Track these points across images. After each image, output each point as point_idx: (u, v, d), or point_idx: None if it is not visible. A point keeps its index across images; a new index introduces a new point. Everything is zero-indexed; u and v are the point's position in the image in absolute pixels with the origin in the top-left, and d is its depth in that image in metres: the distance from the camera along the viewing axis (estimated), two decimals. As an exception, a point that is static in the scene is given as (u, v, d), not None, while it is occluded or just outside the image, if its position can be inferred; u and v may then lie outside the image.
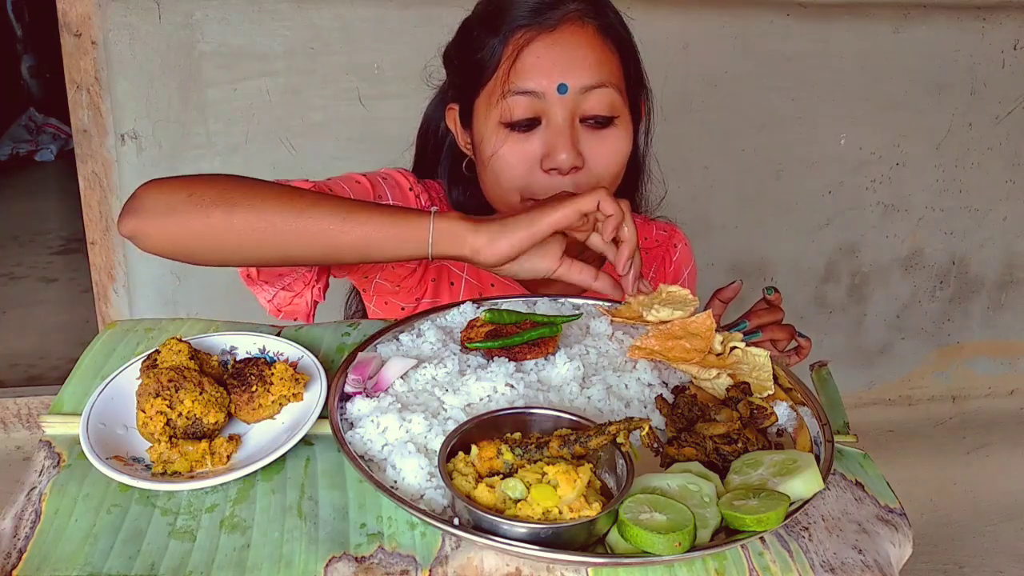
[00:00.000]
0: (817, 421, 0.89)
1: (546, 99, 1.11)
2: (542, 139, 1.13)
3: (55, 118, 5.13)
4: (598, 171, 1.15)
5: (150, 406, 0.84)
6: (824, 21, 2.51)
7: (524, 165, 1.13)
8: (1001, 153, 2.79)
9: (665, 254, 1.37)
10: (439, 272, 1.28)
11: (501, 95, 1.12)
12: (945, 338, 3.03)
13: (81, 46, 2.19)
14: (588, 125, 1.13)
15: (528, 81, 1.11)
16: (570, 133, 1.12)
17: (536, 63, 1.11)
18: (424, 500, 0.78)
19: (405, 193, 1.25)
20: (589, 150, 1.13)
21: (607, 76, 1.13)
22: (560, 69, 1.10)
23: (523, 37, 1.11)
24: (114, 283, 2.40)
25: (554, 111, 1.11)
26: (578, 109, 1.12)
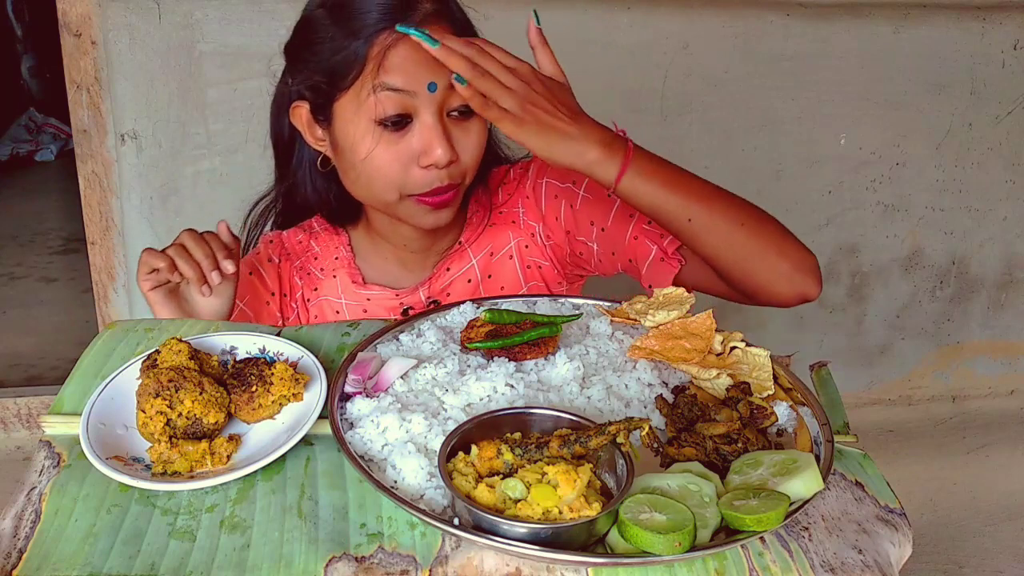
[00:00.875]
0: (817, 421, 0.89)
1: (417, 97, 1.14)
2: (416, 136, 1.16)
3: (55, 118, 5.12)
4: (467, 160, 1.19)
5: (150, 406, 0.84)
6: (824, 21, 2.51)
7: (400, 164, 1.16)
8: (1001, 153, 2.79)
9: (519, 184, 1.37)
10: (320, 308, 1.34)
11: (371, 92, 1.14)
12: (945, 338, 3.03)
13: (81, 46, 2.19)
14: (454, 117, 1.17)
15: (398, 80, 1.13)
16: (442, 128, 1.15)
17: (404, 63, 1.13)
18: (424, 500, 0.78)
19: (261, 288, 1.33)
20: (458, 141, 1.17)
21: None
22: (427, 68, 1.12)
23: (387, 39, 1.13)
24: (114, 283, 2.40)
25: (425, 108, 1.15)
26: (446, 104, 1.16)
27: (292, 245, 1.38)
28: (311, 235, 1.38)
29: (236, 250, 1.21)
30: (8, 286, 3.79)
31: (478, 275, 1.34)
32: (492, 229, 1.35)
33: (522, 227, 1.35)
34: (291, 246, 1.38)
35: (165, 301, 1.18)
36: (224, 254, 1.16)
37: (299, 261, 1.37)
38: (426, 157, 1.16)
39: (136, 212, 2.30)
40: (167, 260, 1.15)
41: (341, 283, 1.35)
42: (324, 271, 1.36)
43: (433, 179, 1.17)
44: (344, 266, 1.35)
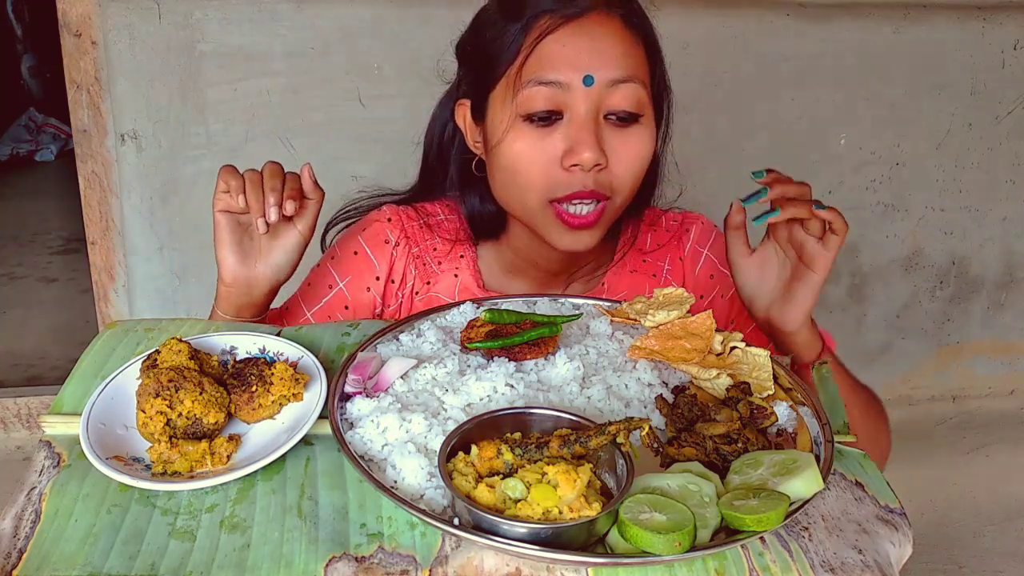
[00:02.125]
0: (817, 421, 0.89)
1: (570, 91, 1.05)
2: (564, 134, 1.07)
3: (55, 118, 5.12)
4: (620, 171, 1.09)
5: (150, 406, 0.84)
6: (824, 21, 2.51)
7: (543, 161, 1.08)
8: (1001, 153, 2.79)
9: (677, 243, 1.31)
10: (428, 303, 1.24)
11: (521, 85, 1.06)
12: (945, 338, 3.03)
13: (81, 46, 2.19)
14: (612, 122, 1.08)
15: (551, 71, 1.05)
16: (594, 129, 1.06)
17: (561, 52, 1.05)
18: (424, 500, 0.78)
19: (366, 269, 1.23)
20: (612, 148, 1.08)
21: (634, 71, 1.07)
22: (586, 60, 1.04)
23: (547, 24, 1.05)
24: (114, 283, 2.40)
25: (577, 104, 1.05)
26: (603, 104, 1.06)
27: (413, 230, 1.26)
28: (435, 222, 1.27)
29: (316, 200, 1.12)
30: (8, 286, 3.79)
31: None
32: (633, 276, 1.27)
33: (661, 283, 1.27)
34: (412, 231, 1.26)
35: (228, 228, 1.10)
36: (292, 195, 1.07)
37: (417, 249, 1.25)
38: (571, 156, 1.06)
39: (136, 212, 2.30)
40: (239, 181, 1.08)
41: (462, 283, 1.25)
42: (443, 265, 1.25)
43: (576, 182, 1.07)
44: (468, 266, 1.26)
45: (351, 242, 1.27)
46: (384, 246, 1.26)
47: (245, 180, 1.09)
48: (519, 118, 1.07)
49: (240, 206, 1.08)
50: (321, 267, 1.29)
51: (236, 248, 1.11)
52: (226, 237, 1.11)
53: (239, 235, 1.11)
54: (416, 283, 1.26)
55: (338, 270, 1.26)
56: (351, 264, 1.26)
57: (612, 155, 1.08)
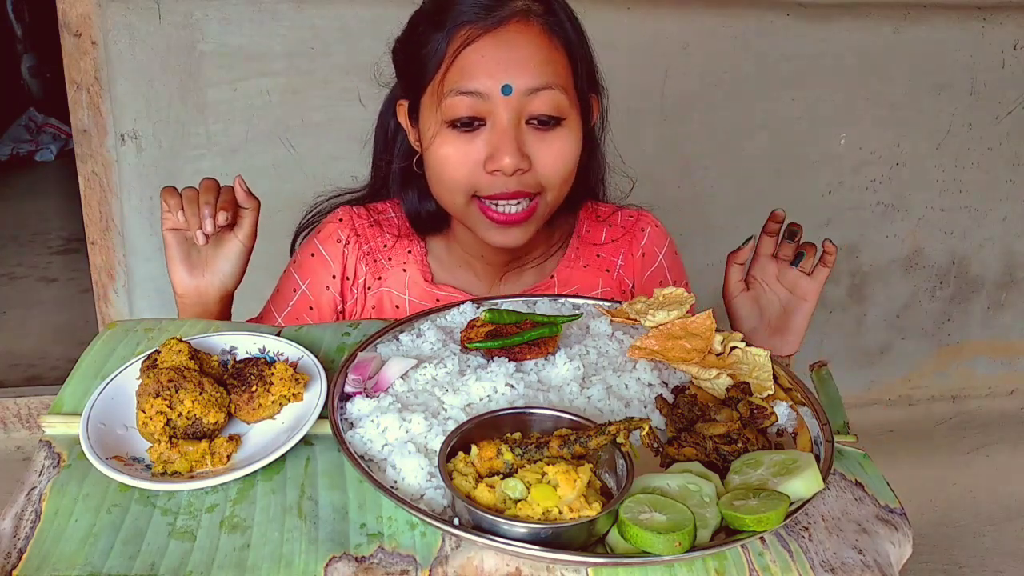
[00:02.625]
0: (817, 421, 0.89)
1: (490, 100, 1.08)
2: (486, 139, 1.10)
3: (55, 118, 5.12)
4: (545, 172, 1.13)
5: (150, 406, 0.84)
6: (824, 21, 2.51)
7: (467, 166, 1.11)
8: (1001, 153, 2.79)
9: (632, 239, 1.35)
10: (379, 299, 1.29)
11: (443, 94, 1.10)
12: (945, 338, 3.03)
13: (81, 46, 2.19)
14: (533, 126, 1.11)
15: (471, 81, 1.08)
16: (514, 135, 1.09)
17: (480, 62, 1.08)
18: (424, 500, 0.78)
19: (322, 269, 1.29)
20: (535, 151, 1.11)
21: (552, 77, 1.10)
22: (504, 69, 1.07)
23: (467, 34, 1.08)
24: (114, 283, 2.40)
25: (498, 112, 1.09)
26: (523, 110, 1.09)
27: (363, 229, 1.31)
28: (383, 224, 1.32)
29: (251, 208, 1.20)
30: (8, 286, 3.79)
31: None
32: (585, 271, 1.31)
33: (614, 278, 1.31)
34: (361, 229, 1.31)
35: (176, 244, 1.18)
36: (224, 206, 1.15)
37: (367, 246, 1.30)
38: (492, 162, 1.10)
39: (136, 212, 2.30)
40: (177, 199, 1.16)
41: (410, 277, 1.29)
42: (392, 261, 1.30)
43: (499, 184, 1.11)
44: (416, 260, 1.30)
45: (308, 245, 1.33)
46: (336, 245, 1.30)
47: (182, 197, 1.17)
48: (444, 124, 1.11)
49: (181, 222, 1.17)
50: (286, 273, 1.35)
51: (184, 262, 1.20)
52: (175, 253, 1.19)
53: (186, 250, 1.20)
54: (367, 279, 1.30)
55: (300, 273, 1.32)
56: (310, 266, 1.31)
57: (536, 157, 1.11)
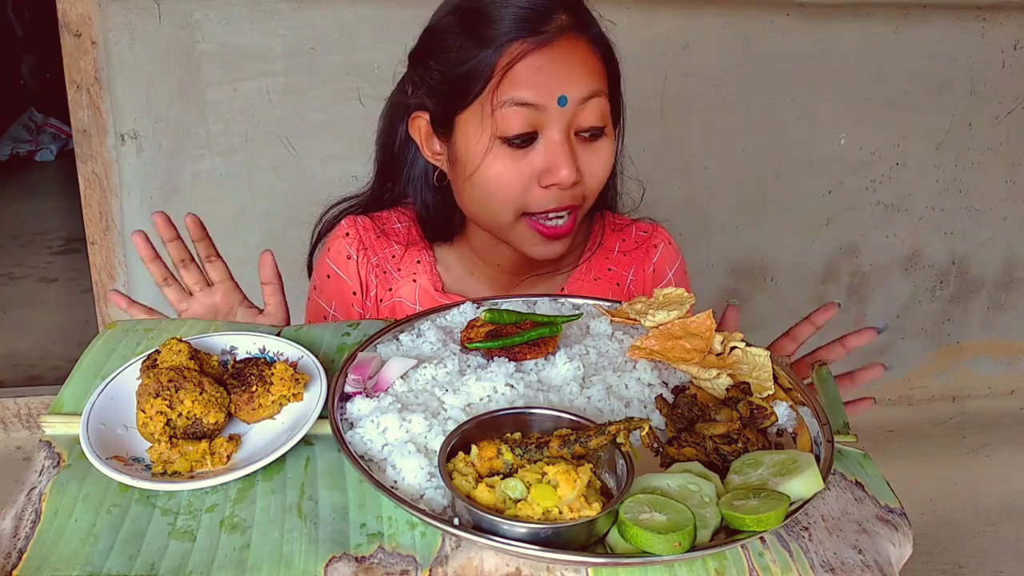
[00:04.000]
0: (817, 421, 0.89)
1: (545, 112, 1.09)
2: (541, 154, 1.11)
3: (55, 118, 5.12)
4: (591, 184, 1.15)
5: (150, 406, 0.84)
6: (824, 21, 2.51)
7: (522, 182, 1.11)
8: (1001, 153, 2.79)
9: (644, 255, 1.35)
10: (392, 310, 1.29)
11: (496, 106, 1.09)
12: (945, 338, 3.03)
13: (81, 46, 2.19)
14: (581, 138, 1.12)
15: (527, 93, 1.08)
16: (569, 147, 1.11)
17: (535, 76, 1.08)
18: (424, 500, 0.78)
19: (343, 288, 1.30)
20: (584, 163, 1.13)
21: (599, 86, 1.12)
22: (559, 81, 1.08)
23: (519, 49, 1.08)
24: (114, 283, 2.40)
25: (552, 125, 1.10)
26: (574, 121, 1.11)
27: (370, 241, 1.30)
28: (391, 230, 1.32)
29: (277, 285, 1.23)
30: (8, 286, 3.79)
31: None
32: (596, 284, 1.31)
33: (624, 293, 1.31)
34: (369, 242, 1.30)
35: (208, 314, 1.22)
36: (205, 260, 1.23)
37: (376, 258, 1.30)
38: (549, 176, 1.10)
39: (136, 212, 2.30)
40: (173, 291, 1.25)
41: (421, 287, 1.28)
42: (402, 271, 1.29)
43: (552, 199, 1.12)
44: (426, 271, 1.29)
45: (322, 267, 1.32)
46: (348, 262, 1.30)
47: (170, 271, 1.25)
48: (497, 140, 1.10)
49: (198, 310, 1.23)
50: (311, 302, 1.34)
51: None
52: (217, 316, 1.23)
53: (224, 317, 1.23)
54: (379, 290, 1.30)
55: (324, 299, 1.31)
56: (331, 289, 1.31)
57: (584, 169, 1.13)
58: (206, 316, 1.21)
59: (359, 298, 1.30)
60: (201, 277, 1.23)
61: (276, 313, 1.23)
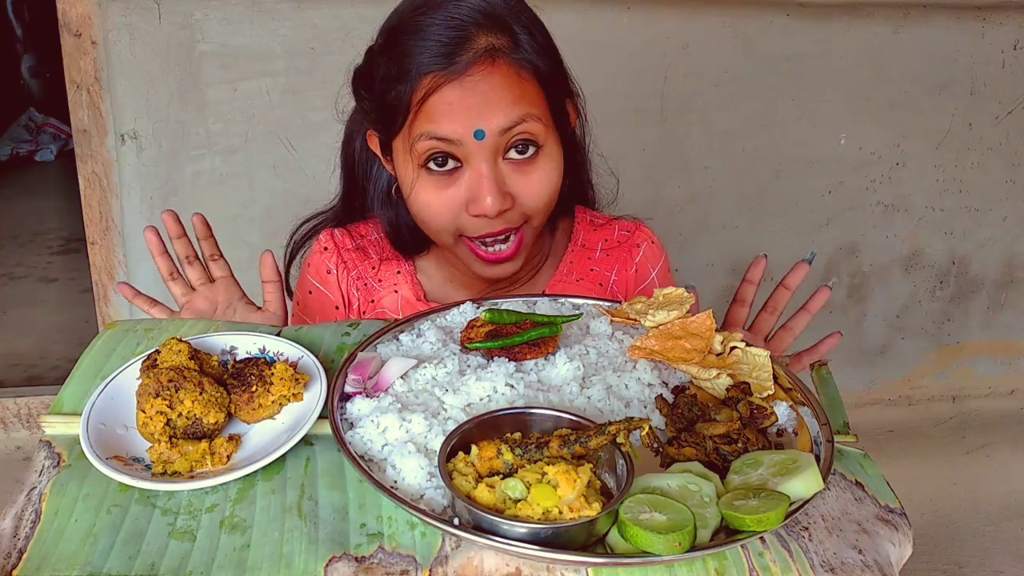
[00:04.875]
0: (817, 421, 0.89)
1: (464, 145, 1.06)
2: (466, 184, 1.08)
3: (55, 118, 5.12)
4: (530, 205, 1.11)
5: (150, 406, 0.84)
6: (824, 21, 2.51)
7: (449, 211, 1.10)
8: (1001, 153, 2.79)
9: (627, 255, 1.33)
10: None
11: (415, 139, 1.08)
12: (945, 338, 3.03)
13: (81, 46, 2.19)
14: (512, 160, 1.09)
15: (441, 128, 1.05)
16: (493, 176, 1.07)
17: (448, 110, 1.05)
18: (424, 500, 0.78)
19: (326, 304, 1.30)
20: (517, 187, 1.09)
21: (525, 110, 1.07)
22: (473, 114, 1.04)
23: (430, 83, 1.05)
24: (114, 283, 2.40)
25: (474, 156, 1.07)
26: (499, 148, 1.07)
27: (348, 255, 1.30)
28: (367, 242, 1.31)
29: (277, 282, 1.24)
30: (8, 286, 3.79)
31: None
32: (579, 285, 1.29)
33: (607, 292, 1.30)
34: (347, 256, 1.30)
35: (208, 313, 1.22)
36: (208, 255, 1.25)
37: (356, 271, 1.29)
38: (474, 206, 1.08)
39: (136, 212, 2.30)
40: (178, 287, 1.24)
41: (403, 297, 1.28)
42: (383, 283, 1.29)
43: (484, 226, 1.10)
44: (407, 281, 1.28)
45: (303, 283, 1.32)
46: (328, 276, 1.30)
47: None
48: (420, 168, 1.09)
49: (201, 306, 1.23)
50: (295, 319, 1.34)
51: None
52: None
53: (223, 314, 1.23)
54: (361, 303, 1.30)
55: (308, 315, 1.32)
56: (313, 305, 1.31)
57: (518, 192, 1.10)
58: (207, 310, 1.23)
59: (342, 312, 1.30)
60: (204, 273, 1.25)
61: (275, 311, 1.24)
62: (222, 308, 1.23)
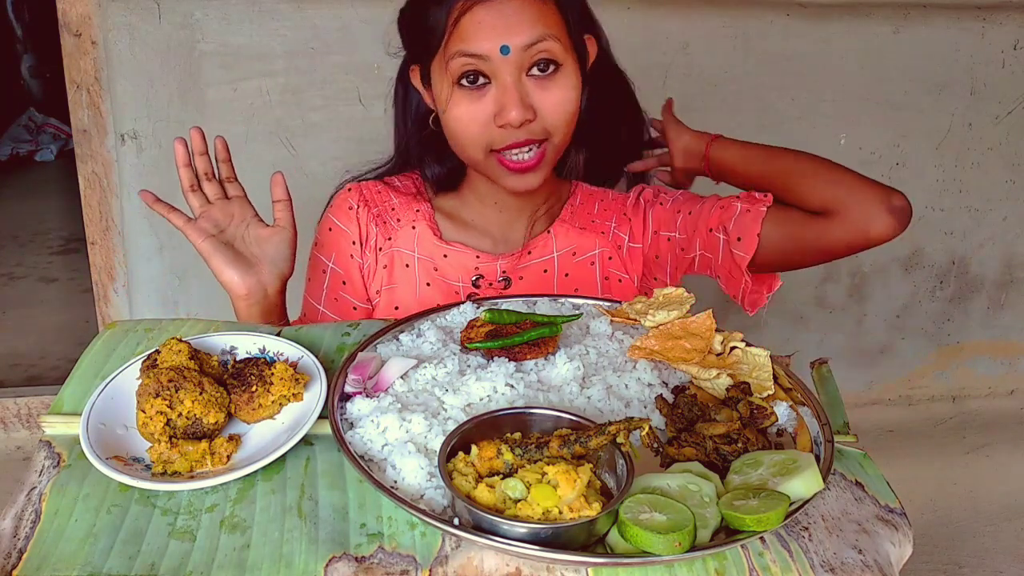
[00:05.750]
0: (817, 421, 0.89)
1: (491, 60, 1.17)
2: (493, 97, 1.19)
3: (55, 118, 5.12)
4: (549, 118, 1.21)
5: (150, 406, 0.84)
6: (824, 21, 2.51)
7: (478, 123, 1.20)
8: (1001, 153, 2.79)
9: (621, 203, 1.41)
10: (391, 258, 1.35)
11: (449, 57, 1.18)
12: (945, 338, 3.03)
13: (81, 46, 2.19)
14: (534, 77, 1.19)
15: (472, 45, 1.16)
16: (517, 89, 1.18)
17: (477, 28, 1.16)
18: (424, 500, 0.78)
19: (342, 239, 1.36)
20: (539, 101, 1.20)
21: (544, 29, 1.18)
22: (499, 32, 1.15)
23: (463, 5, 1.16)
24: (114, 283, 2.40)
25: (500, 71, 1.17)
26: (523, 64, 1.18)
27: (371, 194, 1.39)
28: (391, 188, 1.40)
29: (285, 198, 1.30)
30: (8, 286, 3.79)
31: (556, 268, 1.35)
32: (582, 233, 1.38)
33: (610, 238, 1.37)
34: (370, 195, 1.39)
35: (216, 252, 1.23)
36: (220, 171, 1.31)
37: (377, 208, 1.37)
38: (500, 117, 1.18)
39: (136, 212, 2.30)
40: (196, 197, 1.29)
41: (419, 234, 1.36)
42: (401, 221, 1.37)
43: (510, 136, 1.20)
44: (424, 218, 1.37)
45: (325, 222, 1.40)
46: (349, 212, 1.37)
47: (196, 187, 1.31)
48: (454, 85, 1.20)
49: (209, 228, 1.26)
50: (313, 258, 1.41)
51: (234, 264, 1.24)
52: (220, 260, 1.23)
53: (231, 253, 1.24)
54: (379, 239, 1.37)
55: (324, 253, 1.39)
56: (331, 241, 1.38)
57: (540, 106, 1.20)
58: (222, 220, 1.27)
59: (358, 248, 1.37)
60: (220, 190, 1.31)
61: (285, 226, 1.29)
62: (236, 222, 1.28)
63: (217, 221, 1.27)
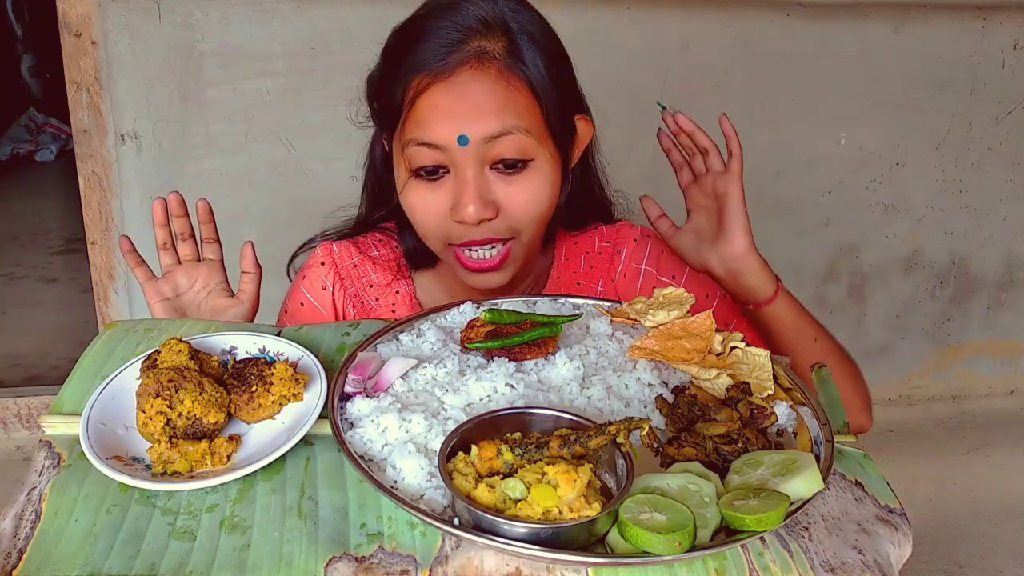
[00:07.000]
0: (817, 421, 0.89)
1: (448, 150, 1.04)
2: (451, 188, 1.07)
3: (55, 118, 5.12)
4: (515, 216, 1.09)
5: (150, 406, 0.84)
6: (824, 21, 2.51)
7: (433, 215, 1.09)
8: (1001, 153, 2.79)
9: (608, 264, 1.30)
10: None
11: (404, 144, 1.07)
12: (945, 338, 3.03)
13: (81, 46, 2.19)
14: (499, 170, 1.07)
15: (426, 132, 1.04)
16: (476, 184, 1.05)
17: (433, 113, 1.03)
18: (424, 500, 0.78)
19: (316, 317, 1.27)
20: (503, 197, 1.07)
21: (513, 121, 1.04)
22: (458, 118, 1.03)
23: (419, 83, 1.04)
24: (114, 283, 2.40)
25: (458, 161, 1.05)
26: (485, 156, 1.05)
27: (347, 269, 1.27)
28: (368, 259, 1.28)
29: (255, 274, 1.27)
30: (8, 286, 3.79)
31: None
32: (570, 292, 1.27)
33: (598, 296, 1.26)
34: (345, 271, 1.27)
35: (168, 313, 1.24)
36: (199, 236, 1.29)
37: (352, 289, 1.27)
38: (456, 212, 1.07)
39: (136, 212, 2.30)
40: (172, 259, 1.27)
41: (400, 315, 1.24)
42: (380, 302, 1.27)
43: (468, 232, 1.09)
44: (405, 301, 1.26)
45: (296, 293, 1.29)
46: (323, 292, 1.27)
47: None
48: (410, 173, 1.09)
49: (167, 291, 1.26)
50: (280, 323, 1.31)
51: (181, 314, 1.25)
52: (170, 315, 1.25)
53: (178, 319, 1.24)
54: (357, 316, 1.27)
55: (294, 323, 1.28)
56: (304, 317, 1.28)
57: (504, 203, 1.08)
58: (184, 284, 1.26)
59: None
60: (195, 251, 1.28)
61: (247, 301, 1.26)
62: (199, 287, 1.26)
63: (177, 285, 1.25)
